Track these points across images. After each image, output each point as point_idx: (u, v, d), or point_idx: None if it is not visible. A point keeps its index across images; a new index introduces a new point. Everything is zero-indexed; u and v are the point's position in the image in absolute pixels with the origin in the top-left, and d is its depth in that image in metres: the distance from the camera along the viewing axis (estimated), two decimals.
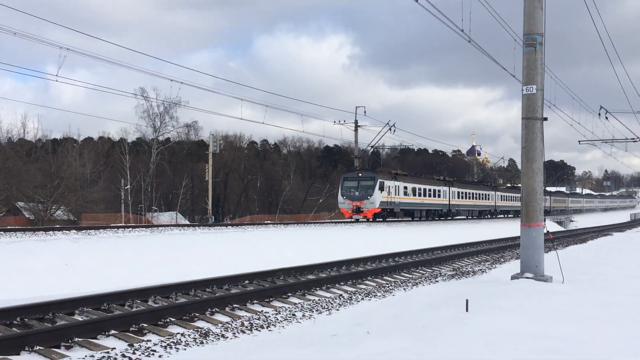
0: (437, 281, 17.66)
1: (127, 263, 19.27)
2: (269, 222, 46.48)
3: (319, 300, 14.11)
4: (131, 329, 10.01)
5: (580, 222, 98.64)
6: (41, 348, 8.53)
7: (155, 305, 12.27)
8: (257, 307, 12.81)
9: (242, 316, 11.82)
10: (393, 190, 46.23)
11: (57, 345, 8.82)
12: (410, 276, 19.40)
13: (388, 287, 16.64)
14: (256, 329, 10.68)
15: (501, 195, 75.66)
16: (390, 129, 54.23)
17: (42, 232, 23.84)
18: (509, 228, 51.89)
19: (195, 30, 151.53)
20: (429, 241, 34.01)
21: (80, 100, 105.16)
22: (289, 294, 14.34)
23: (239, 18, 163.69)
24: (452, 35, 19.08)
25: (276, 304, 13.30)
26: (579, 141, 46.15)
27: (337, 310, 12.74)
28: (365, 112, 56.12)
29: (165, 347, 9.17)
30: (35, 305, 10.99)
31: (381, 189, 44.21)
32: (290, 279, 16.98)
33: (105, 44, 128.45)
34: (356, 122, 56.34)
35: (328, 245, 28.56)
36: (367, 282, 17.51)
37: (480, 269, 21.05)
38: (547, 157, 15.85)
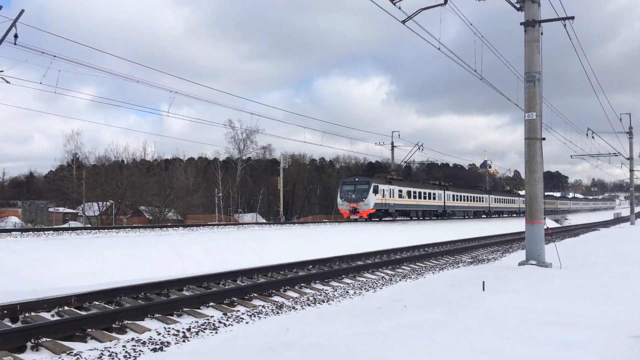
0: (459, 267, 17.31)
1: (220, 252, 19.55)
2: (326, 220, 45.76)
3: (366, 280, 14.02)
4: (225, 302, 10.14)
5: (573, 220, 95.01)
6: (159, 315, 8.73)
7: (242, 284, 12.41)
8: (318, 286, 12.82)
9: (308, 292, 11.84)
10: (388, 193, 41.50)
11: (171, 313, 9.00)
12: (437, 262, 19.07)
13: (420, 271, 16.40)
14: (318, 303, 10.68)
15: (495, 198, 69.17)
16: (419, 148, 53.82)
17: (158, 228, 24.50)
18: (502, 226, 49.18)
19: (269, 75, 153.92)
20: (440, 236, 33.39)
21: (185, 129, 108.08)
22: (343, 276, 14.30)
23: (302, 65, 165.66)
24: (467, 74, 18.82)
25: (333, 283, 13.28)
26: (571, 156, 45.23)
27: (381, 288, 12.63)
28: (399, 135, 55.95)
29: (251, 315, 9.26)
30: (154, 283, 11.25)
31: (375, 192, 39.64)
32: (344, 264, 16.94)
33: (203, 88, 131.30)
34: (392, 143, 55.94)
35: (369, 238, 28.37)
36: (403, 267, 17.30)
37: (494, 257, 20.51)
38: (545, 169, 15.38)
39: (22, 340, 6.80)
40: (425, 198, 48.39)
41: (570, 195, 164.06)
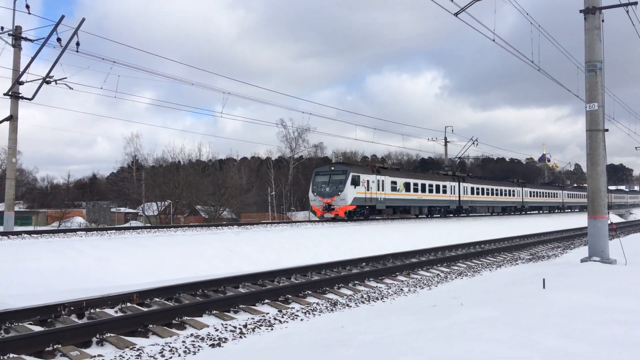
0: (517, 264, 16.82)
1: (274, 250, 19.79)
2: (378, 217, 42.76)
3: (421, 278, 13.84)
4: (279, 299, 10.25)
5: (638, 214, 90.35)
6: (217, 312, 8.93)
7: (296, 282, 12.50)
8: (372, 284, 12.76)
9: (361, 290, 11.80)
10: (375, 186, 33.36)
11: (228, 310, 9.18)
12: (494, 259, 18.58)
13: (476, 268, 16.04)
14: (372, 300, 10.63)
15: (530, 192, 58.51)
16: (473, 143, 52.67)
17: (213, 227, 25.05)
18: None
19: (321, 74, 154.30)
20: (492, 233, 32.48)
21: (238, 129, 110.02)
22: (397, 273, 14.17)
23: (354, 62, 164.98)
24: (524, 65, 18.30)
25: (387, 281, 13.18)
26: (636, 147, 42.86)
27: (436, 286, 12.44)
28: (452, 130, 55.10)
29: (305, 312, 9.33)
30: (211, 280, 11.50)
31: (355, 183, 31.55)
32: (397, 262, 16.78)
33: (255, 88, 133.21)
34: (445, 138, 54.94)
35: (422, 235, 27.98)
36: (458, 264, 16.97)
37: (554, 254, 19.80)
38: (608, 161, 14.70)
39: (88, 336, 7.11)
40: (432, 192, 40.08)
41: (636, 188, 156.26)
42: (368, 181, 32.95)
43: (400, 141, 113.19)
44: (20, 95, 23.67)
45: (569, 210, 69.00)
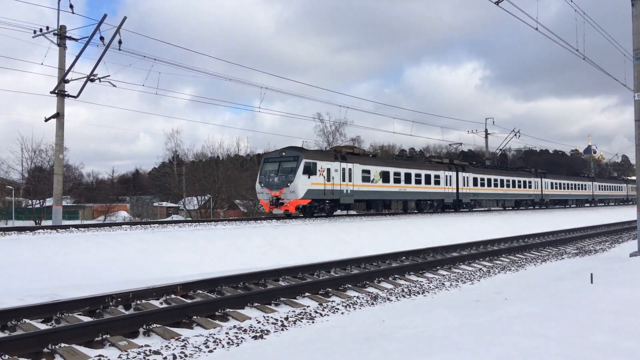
0: (562, 258, 16.40)
1: (313, 243, 19.88)
2: (417, 211, 38.42)
3: (463, 272, 13.65)
4: (320, 292, 10.30)
5: None
6: (258, 304, 9.04)
7: (336, 275, 12.53)
8: (413, 277, 12.66)
9: (402, 284, 11.74)
10: (339, 175, 27.92)
11: (269, 302, 9.28)
12: (539, 254, 18.16)
13: (520, 262, 15.71)
14: (413, 294, 10.56)
15: (552, 183, 51.71)
16: (515, 135, 51.56)
17: (252, 220, 25.35)
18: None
19: (359, 67, 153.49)
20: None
21: (276, 124, 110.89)
22: (438, 267, 14.03)
23: (392, 55, 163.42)
24: (569, 54, 17.77)
25: (428, 275, 13.07)
26: None
27: (478, 281, 12.25)
28: (494, 122, 53.87)
29: (346, 306, 9.34)
30: (252, 273, 11.64)
31: (309, 172, 26.11)
32: (438, 256, 16.60)
33: (293, 82, 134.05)
34: (486, 130, 53.99)
35: (464, 228, 27.55)
36: (501, 258, 16.66)
37: (602, 248, 19.21)
38: None
39: (135, 326, 7.32)
40: (419, 182, 34.26)
41: None
42: (329, 170, 27.38)
43: (439, 134, 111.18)
44: (66, 93, 24.46)
45: (602, 204, 62.61)
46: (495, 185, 42.96)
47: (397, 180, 32.29)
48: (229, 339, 7.11)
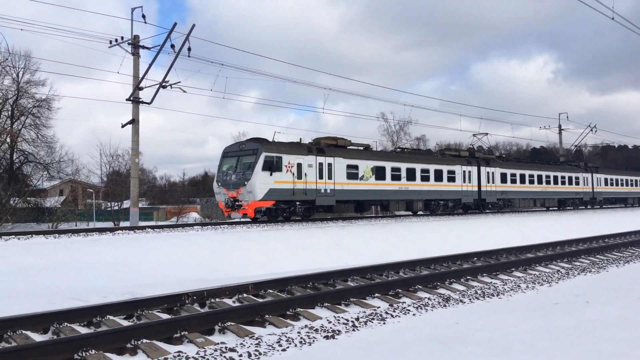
0: None
1: (379, 243, 19.78)
2: (488, 211, 35.87)
3: (539, 274, 13.12)
4: (389, 293, 10.21)
5: None
6: (328, 304, 9.08)
7: (406, 276, 12.38)
8: (486, 279, 12.30)
9: (475, 286, 11.44)
10: (313, 172, 23.63)
11: (339, 303, 9.30)
12: (621, 255, 17.17)
13: (601, 264, 14.92)
14: (487, 297, 10.27)
15: (606, 179, 45.33)
16: (591, 130, 49.07)
17: (319, 221, 25.52)
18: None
19: (424, 64, 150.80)
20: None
21: (340, 124, 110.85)
22: (512, 269, 13.55)
23: (458, 51, 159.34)
24: None
25: (502, 276, 12.65)
26: None
27: (557, 283, 11.74)
28: (567, 117, 51.38)
29: (417, 307, 9.22)
30: (321, 274, 11.71)
31: (271, 168, 21.97)
32: (512, 257, 16.06)
33: (356, 83, 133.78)
34: (560, 125, 51.76)
35: (536, 228, 26.51)
36: (580, 259, 15.87)
37: None
38: None
39: (211, 324, 7.55)
40: (426, 180, 29.34)
41: None
42: (299, 165, 23.19)
43: (509, 130, 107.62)
44: (140, 100, 25.63)
45: None
46: (532, 182, 37.39)
47: (396, 177, 27.76)
48: (301, 338, 7.18)
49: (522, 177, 36.64)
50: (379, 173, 26.89)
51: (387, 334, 7.59)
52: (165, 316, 8.29)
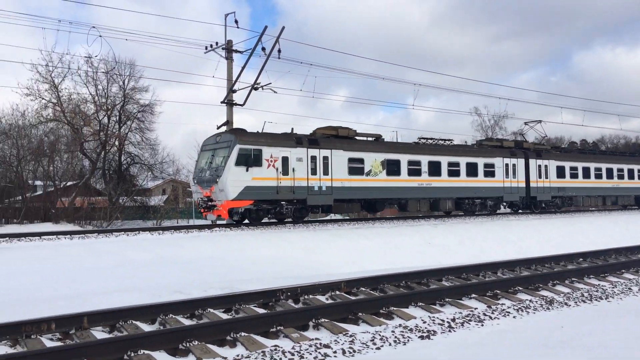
0: None
1: (474, 242, 19.15)
2: (593, 208, 33.00)
3: None
4: (487, 294, 9.85)
5: None
6: (422, 304, 8.92)
7: (504, 277, 11.89)
8: (593, 281, 11.51)
9: (580, 288, 10.74)
10: (303, 167, 20.88)
11: (434, 302, 9.10)
12: None
13: None
14: (595, 300, 9.61)
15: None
16: None
17: (410, 219, 25.19)
18: None
19: (519, 55, 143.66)
20: None
21: (431, 120, 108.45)
22: (623, 270, 12.58)
23: (557, 39, 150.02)
24: None
25: (611, 279, 11.77)
26: None
27: None
28: None
29: (517, 310, 8.81)
30: (414, 272, 11.49)
31: (246, 162, 19.55)
32: (622, 257, 14.93)
33: (448, 77, 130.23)
34: None
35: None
36: None
37: None
38: None
39: (305, 320, 7.67)
40: (455, 174, 25.75)
41: None
42: (285, 159, 20.50)
43: (616, 122, 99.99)
44: (233, 102, 26.62)
45: None
46: (598, 176, 32.13)
47: (414, 172, 24.39)
48: (395, 337, 7.11)
49: (586, 170, 31.74)
50: (392, 167, 23.75)
51: (485, 336, 7.33)
52: (261, 311, 8.55)
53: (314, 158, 21.40)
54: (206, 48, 26.71)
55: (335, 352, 6.47)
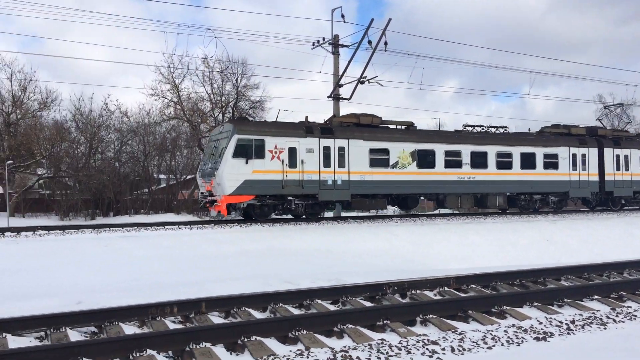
0: None
1: (598, 240, 17.84)
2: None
3: None
4: (611, 295, 9.12)
5: None
6: (538, 304, 8.46)
7: (631, 277, 10.96)
8: None
9: None
10: (314, 158, 19.35)
11: (551, 303, 8.59)
12: None
13: None
14: None
15: None
16: None
17: (525, 215, 23.97)
18: None
19: None
20: None
21: (549, 110, 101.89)
22: None
23: None
24: None
25: None
26: None
27: None
28: None
29: None
30: (530, 270, 10.94)
31: (245, 154, 18.41)
32: None
33: (568, 63, 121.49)
34: None
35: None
36: None
37: None
38: None
39: (412, 315, 7.59)
40: (506, 167, 23.21)
41: None
42: (292, 150, 19.05)
43: None
44: (340, 96, 26.89)
45: None
46: None
47: (453, 164, 22.13)
48: (508, 337, 6.82)
49: None
50: (424, 158, 21.66)
51: (608, 340, 6.80)
52: (367, 304, 8.59)
53: (327, 149, 19.76)
54: (313, 44, 27.25)
55: (443, 349, 6.35)
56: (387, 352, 6.18)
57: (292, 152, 19.07)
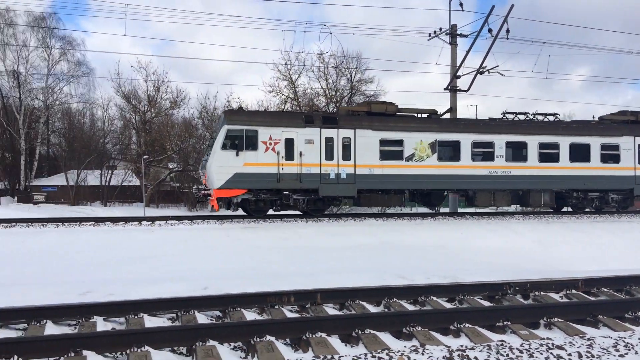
0: None
1: None
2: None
3: None
4: None
5: None
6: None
7: None
8: None
9: None
10: (315, 150, 17.67)
11: None
12: None
13: None
14: None
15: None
16: None
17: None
18: None
19: None
20: None
21: None
22: None
23: None
24: None
25: None
26: None
27: None
28: None
29: None
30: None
31: (236, 147, 17.30)
32: None
33: None
34: None
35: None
36: None
37: None
38: None
39: (536, 317, 7.21)
40: (551, 159, 20.18)
41: None
42: (290, 141, 17.69)
43: None
44: (457, 88, 26.09)
45: None
46: None
47: (484, 157, 19.61)
48: None
49: None
50: (446, 150, 19.45)
51: None
52: (486, 303, 8.30)
53: (329, 140, 18.17)
54: (429, 35, 26.67)
55: (570, 354, 5.96)
56: (507, 354, 5.93)
57: (289, 143, 17.88)
